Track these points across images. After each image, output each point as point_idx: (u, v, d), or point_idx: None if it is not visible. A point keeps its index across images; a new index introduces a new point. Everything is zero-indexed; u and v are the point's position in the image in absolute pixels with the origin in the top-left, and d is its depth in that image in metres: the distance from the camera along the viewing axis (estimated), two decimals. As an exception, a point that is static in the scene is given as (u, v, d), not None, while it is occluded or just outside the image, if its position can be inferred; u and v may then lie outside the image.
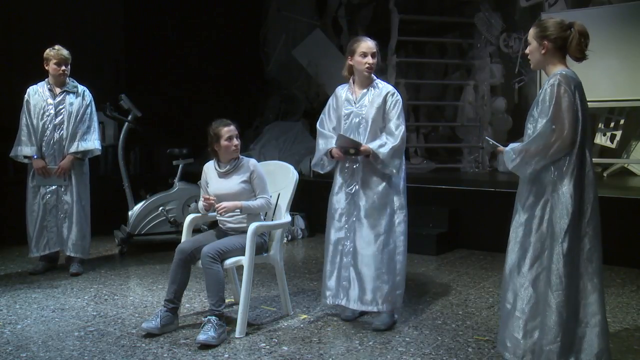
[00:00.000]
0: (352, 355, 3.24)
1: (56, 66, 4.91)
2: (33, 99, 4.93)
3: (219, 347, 3.34)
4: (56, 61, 4.90)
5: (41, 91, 4.95)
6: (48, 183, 4.94)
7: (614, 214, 5.33)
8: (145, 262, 5.50)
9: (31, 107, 4.92)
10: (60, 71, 4.92)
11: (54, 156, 4.93)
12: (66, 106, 4.96)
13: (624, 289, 4.52)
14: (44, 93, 4.95)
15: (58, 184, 4.97)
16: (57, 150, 4.93)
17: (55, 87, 4.97)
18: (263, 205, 3.77)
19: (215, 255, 3.50)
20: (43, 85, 4.98)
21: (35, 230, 4.95)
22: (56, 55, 4.91)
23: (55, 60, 4.91)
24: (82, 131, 4.98)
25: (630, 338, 3.49)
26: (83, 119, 5.00)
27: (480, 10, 8.40)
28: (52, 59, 4.91)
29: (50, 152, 4.93)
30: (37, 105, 4.93)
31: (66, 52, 4.97)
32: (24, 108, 4.93)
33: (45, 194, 4.95)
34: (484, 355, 3.24)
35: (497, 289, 4.52)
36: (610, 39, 7.03)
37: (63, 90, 4.99)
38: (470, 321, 3.80)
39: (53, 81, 4.97)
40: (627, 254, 5.17)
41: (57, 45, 4.96)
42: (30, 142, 4.89)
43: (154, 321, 3.53)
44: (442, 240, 5.85)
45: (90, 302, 4.22)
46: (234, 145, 3.74)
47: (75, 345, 3.38)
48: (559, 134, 2.83)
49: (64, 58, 4.94)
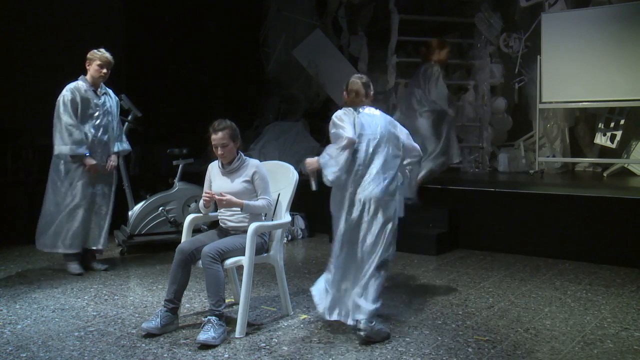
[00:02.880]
0: (352, 355, 3.25)
1: (99, 67, 4.93)
2: (78, 98, 4.89)
3: (219, 347, 3.34)
4: (100, 63, 4.93)
5: (83, 91, 4.92)
6: (97, 182, 5.03)
7: (613, 214, 5.34)
8: (146, 262, 5.50)
9: (78, 107, 4.89)
10: (102, 73, 4.95)
11: (101, 155, 5.00)
12: (107, 106, 5.05)
13: (624, 289, 4.52)
14: (87, 93, 4.94)
15: (106, 182, 5.09)
16: (103, 150, 5.02)
17: (94, 88, 5.00)
18: (264, 206, 3.77)
19: (215, 255, 3.51)
20: (83, 85, 4.94)
21: (73, 228, 4.96)
22: (101, 57, 4.94)
23: (100, 62, 4.93)
24: (119, 131, 5.19)
25: (630, 338, 3.49)
26: (117, 118, 5.17)
27: (480, 10, 8.40)
28: (97, 60, 4.93)
29: (98, 151, 4.98)
30: (83, 105, 4.92)
31: (110, 56, 5.00)
32: (66, 106, 4.84)
33: (93, 193, 5.02)
34: (484, 355, 3.24)
35: (497, 289, 4.52)
36: (610, 39, 7.04)
37: (102, 91, 5.05)
38: (470, 321, 3.80)
39: (92, 82, 4.96)
40: (627, 254, 5.17)
41: (102, 48, 5.00)
42: (81, 141, 4.87)
43: (154, 321, 3.54)
44: (442, 241, 5.86)
45: (91, 302, 4.22)
46: (219, 154, 3.77)
47: (75, 345, 3.38)
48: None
49: (108, 61, 4.97)
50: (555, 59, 7.36)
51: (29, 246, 6.01)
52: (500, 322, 3.77)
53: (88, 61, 4.96)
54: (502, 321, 3.79)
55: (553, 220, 5.60)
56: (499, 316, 3.89)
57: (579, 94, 7.28)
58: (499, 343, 3.41)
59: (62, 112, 4.86)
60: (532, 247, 5.63)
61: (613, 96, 7.10)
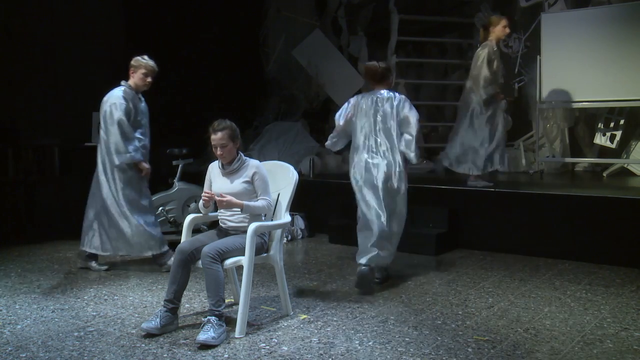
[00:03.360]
0: (352, 355, 3.25)
1: (144, 76, 4.96)
2: (130, 104, 4.92)
3: (219, 347, 3.34)
4: (146, 71, 4.96)
5: (131, 97, 4.96)
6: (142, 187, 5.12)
7: (613, 214, 5.34)
8: (145, 262, 5.49)
9: (131, 113, 4.92)
10: (146, 82, 4.99)
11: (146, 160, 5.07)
12: (146, 112, 5.11)
13: (623, 288, 4.52)
14: (135, 99, 4.98)
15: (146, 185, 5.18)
16: (146, 155, 5.08)
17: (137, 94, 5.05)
18: (264, 206, 3.77)
19: (215, 255, 3.51)
20: (128, 91, 4.96)
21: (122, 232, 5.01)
22: (147, 66, 4.96)
23: (145, 71, 4.96)
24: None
25: (630, 338, 3.49)
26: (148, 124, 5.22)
27: (480, 10, 8.40)
28: (142, 69, 4.95)
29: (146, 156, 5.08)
30: (134, 110, 4.96)
31: (154, 64, 5.01)
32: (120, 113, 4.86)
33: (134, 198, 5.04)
34: (484, 355, 3.24)
35: (496, 289, 4.52)
36: (610, 39, 7.04)
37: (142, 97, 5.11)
38: (470, 321, 3.80)
39: (136, 88, 5.00)
40: (626, 254, 5.17)
41: (145, 56, 5.01)
42: (138, 148, 4.95)
43: (154, 321, 3.54)
44: (441, 241, 5.86)
45: (90, 302, 4.22)
46: (219, 154, 3.77)
47: (75, 346, 3.39)
48: None
49: (153, 70, 4.99)
50: (555, 59, 7.36)
51: (29, 246, 6.03)
52: (500, 322, 3.77)
53: (132, 68, 4.97)
54: (502, 321, 3.79)
55: (553, 220, 5.60)
56: (498, 316, 3.89)
57: (579, 94, 7.28)
58: (498, 343, 3.41)
59: (118, 119, 4.87)
60: (531, 247, 5.63)
61: (613, 96, 7.10)
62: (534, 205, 5.75)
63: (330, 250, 6.09)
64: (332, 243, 6.41)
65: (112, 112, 4.88)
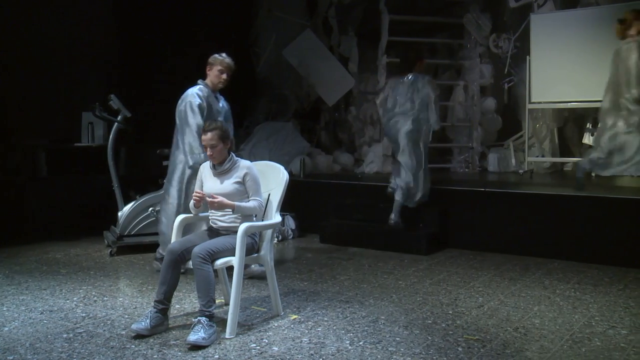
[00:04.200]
0: (343, 355, 3.25)
1: (219, 73, 4.82)
2: (204, 102, 4.76)
3: (209, 348, 3.33)
4: (221, 68, 4.83)
5: (206, 95, 4.81)
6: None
7: (602, 214, 5.38)
8: (135, 263, 5.47)
9: (204, 112, 4.74)
10: (222, 79, 4.84)
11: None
12: (224, 111, 4.96)
13: (611, 287, 4.55)
14: (210, 98, 4.83)
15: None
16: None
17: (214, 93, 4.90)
18: (255, 207, 3.77)
19: (205, 256, 3.50)
20: (204, 89, 4.83)
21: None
22: (222, 62, 4.83)
23: (221, 68, 4.82)
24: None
25: (617, 336, 3.52)
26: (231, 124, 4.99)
27: (469, 11, 8.43)
28: (218, 66, 4.82)
29: None
30: (211, 110, 4.80)
31: (232, 61, 4.89)
32: (195, 112, 4.70)
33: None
34: (474, 354, 3.25)
35: (487, 289, 4.54)
36: (598, 39, 7.08)
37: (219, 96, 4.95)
38: (460, 320, 3.81)
39: (212, 86, 4.86)
40: (614, 253, 5.21)
41: (223, 53, 4.90)
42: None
43: (144, 322, 3.52)
44: (432, 240, 5.87)
45: (80, 304, 4.19)
46: (209, 154, 3.77)
47: (63, 347, 3.36)
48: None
49: (229, 67, 4.86)
50: (544, 60, 7.40)
51: (17, 247, 5.98)
52: (490, 322, 3.78)
53: (209, 66, 4.86)
54: (492, 320, 3.81)
55: (542, 219, 5.64)
56: (488, 315, 3.91)
57: (568, 94, 7.33)
58: (488, 342, 3.43)
59: (191, 118, 4.72)
60: (521, 247, 5.66)
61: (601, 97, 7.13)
62: (523, 205, 5.79)
63: (321, 250, 6.09)
64: (322, 243, 6.41)
65: (186, 111, 4.73)
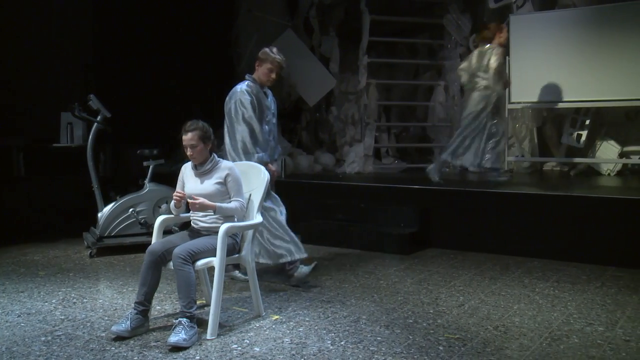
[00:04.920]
0: (324, 355, 3.25)
1: (268, 72, 4.59)
2: (255, 100, 4.55)
3: (190, 349, 3.31)
4: (271, 67, 4.59)
5: (256, 92, 4.59)
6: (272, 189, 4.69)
7: (580, 213, 5.45)
8: (115, 264, 5.43)
9: (256, 109, 4.54)
10: (271, 78, 4.62)
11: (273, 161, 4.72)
12: (272, 109, 4.76)
13: (589, 285, 4.61)
14: (259, 94, 4.61)
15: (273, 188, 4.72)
16: (272, 154, 4.72)
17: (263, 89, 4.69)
18: (237, 208, 3.76)
19: (186, 257, 3.48)
20: (252, 85, 4.61)
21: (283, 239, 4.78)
22: (273, 60, 4.58)
23: (270, 66, 4.58)
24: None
25: (594, 333, 3.57)
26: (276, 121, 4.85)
27: (450, 11, 8.49)
28: (267, 63, 4.59)
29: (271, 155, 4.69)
30: (261, 106, 4.59)
31: (283, 58, 4.66)
32: (246, 109, 4.50)
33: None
34: (455, 353, 3.27)
35: (467, 288, 4.58)
36: (576, 40, 7.19)
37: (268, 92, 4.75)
38: (441, 320, 3.83)
39: (260, 83, 4.64)
40: (592, 251, 5.27)
41: (274, 48, 4.69)
42: (265, 148, 4.57)
43: (124, 324, 3.49)
44: (413, 240, 5.90)
45: (58, 306, 4.15)
46: (189, 154, 3.75)
47: (41, 351, 3.32)
48: None
49: (279, 65, 4.62)
50: (523, 60, 7.48)
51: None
52: (471, 320, 3.81)
53: (259, 61, 4.63)
54: (473, 319, 3.84)
55: (522, 219, 5.69)
56: (469, 314, 3.94)
57: (547, 95, 7.42)
58: (469, 341, 3.45)
59: (242, 115, 4.51)
60: (501, 246, 5.70)
61: (579, 97, 7.25)
62: (503, 205, 5.84)
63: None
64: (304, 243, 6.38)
65: (237, 109, 4.52)
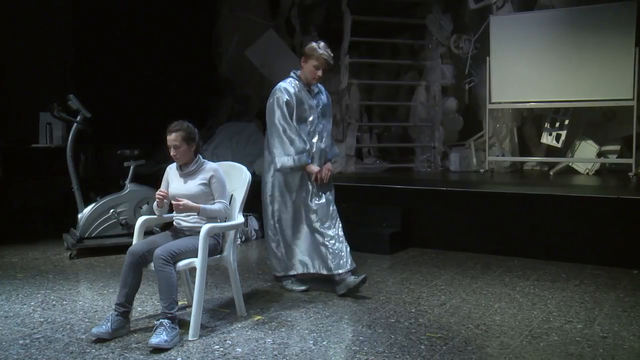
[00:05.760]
0: (306, 355, 3.25)
1: (314, 69, 4.31)
2: (293, 100, 4.31)
3: (172, 351, 3.29)
4: (317, 64, 4.31)
5: (297, 90, 4.34)
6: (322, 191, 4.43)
7: (559, 212, 5.51)
8: (96, 265, 5.38)
9: (293, 110, 4.29)
10: (316, 75, 4.34)
11: (318, 164, 4.40)
12: (321, 107, 4.47)
13: (568, 283, 4.67)
14: (301, 93, 4.35)
15: (326, 191, 4.45)
16: (319, 156, 4.43)
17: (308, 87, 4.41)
18: (221, 209, 3.75)
19: (167, 257, 3.46)
20: (296, 84, 4.37)
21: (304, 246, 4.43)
22: (319, 57, 4.30)
23: (316, 63, 4.30)
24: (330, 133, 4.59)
25: (573, 330, 3.61)
26: (329, 120, 4.59)
27: (431, 12, 8.54)
28: (313, 60, 4.31)
29: (316, 157, 4.41)
30: (301, 106, 4.35)
31: (330, 55, 4.39)
32: (283, 110, 4.27)
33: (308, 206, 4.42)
34: (436, 352, 3.29)
35: (449, 287, 4.61)
36: (555, 41, 7.27)
37: (316, 90, 4.47)
38: (423, 319, 3.86)
39: (305, 80, 4.38)
40: (571, 250, 5.34)
41: (322, 43, 4.38)
42: (303, 149, 4.29)
43: (105, 326, 3.46)
44: (395, 240, 5.92)
45: (37, 308, 4.10)
46: (172, 155, 3.74)
47: (19, 354, 3.28)
48: None
49: (325, 62, 4.33)
50: (503, 60, 7.55)
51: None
52: (452, 319, 3.84)
53: (304, 57, 4.35)
54: (454, 318, 3.86)
55: (503, 218, 5.74)
56: (450, 313, 3.97)
57: (526, 95, 7.50)
58: (450, 340, 3.48)
59: (276, 116, 4.28)
60: (482, 245, 5.75)
61: (558, 97, 7.34)
62: (484, 204, 5.88)
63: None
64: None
65: (273, 109, 4.30)
